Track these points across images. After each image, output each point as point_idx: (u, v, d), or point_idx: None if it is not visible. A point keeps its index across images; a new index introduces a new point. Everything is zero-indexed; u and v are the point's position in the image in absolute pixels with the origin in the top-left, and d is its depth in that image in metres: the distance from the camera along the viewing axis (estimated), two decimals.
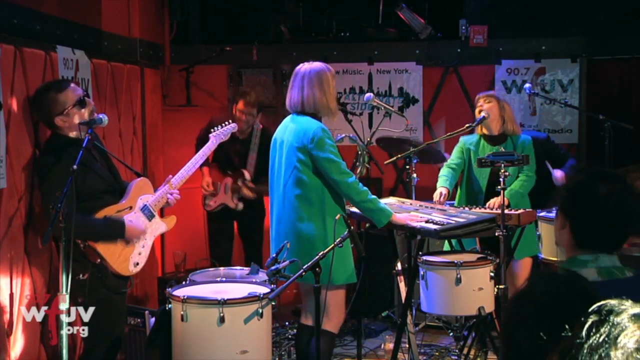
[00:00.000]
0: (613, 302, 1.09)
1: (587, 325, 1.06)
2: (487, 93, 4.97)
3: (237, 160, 5.64)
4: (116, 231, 3.61)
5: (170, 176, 3.97)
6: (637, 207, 2.05)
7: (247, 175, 5.56)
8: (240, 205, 5.61)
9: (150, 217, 3.82)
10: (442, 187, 4.70)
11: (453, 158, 4.93)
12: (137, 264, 3.75)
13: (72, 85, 3.69)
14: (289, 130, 3.92)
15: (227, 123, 4.38)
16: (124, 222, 3.63)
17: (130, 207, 3.73)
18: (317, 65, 3.95)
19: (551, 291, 1.50)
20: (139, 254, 3.76)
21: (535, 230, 4.94)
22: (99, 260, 3.57)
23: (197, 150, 4.36)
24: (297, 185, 3.84)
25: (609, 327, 1.03)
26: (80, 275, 3.50)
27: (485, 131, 4.85)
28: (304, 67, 3.95)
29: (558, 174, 5.07)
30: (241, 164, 5.63)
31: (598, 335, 1.04)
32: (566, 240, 2.09)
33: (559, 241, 2.16)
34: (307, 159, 3.81)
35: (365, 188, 3.84)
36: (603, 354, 1.02)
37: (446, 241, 4.80)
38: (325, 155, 3.77)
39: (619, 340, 1.01)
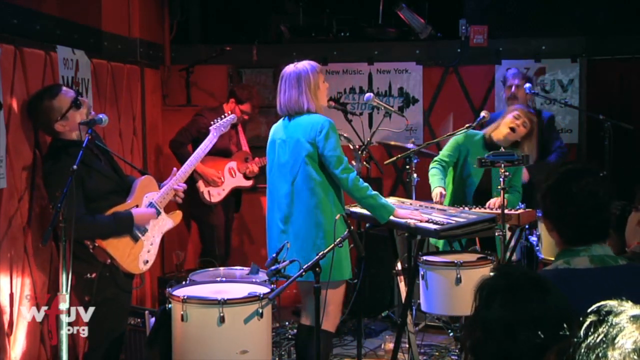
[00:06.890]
0: (612, 302, 1.08)
1: (585, 325, 1.06)
2: (530, 111, 4.79)
3: (234, 147, 5.82)
4: (126, 224, 3.62)
5: (175, 169, 3.96)
6: (610, 196, 2.11)
7: (249, 152, 5.83)
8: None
9: (156, 213, 3.82)
10: (439, 186, 4.61)
11: (444, 154, 4.75)
12: (147, 261, 3.77)
13: (64, 88, 3.69)
14: (291, 127, 3.90)
15: (225, 115, 4.36)
16: (131, 213, 3.66)
17: (137, 206, 3.74)
18: (300, 65, 3.91)
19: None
20: (148, 251, 3.77)
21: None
22: (109, 261, 3.58)
23: (194, 147, 4.37)
24: (308, 179, 3.84)
25: (607, 327, 1.03)
26: (89, 275, 3.52)
27: (497, 138, 4.64)
28: (288, 68, 3.93)
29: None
30: (238, 147, 5.85)
31: (596, 335, 1.03)
32: (557, 240, 2.17)
33: (554, 240, 2.21)
34: (314, 152, 3.82)
35: (365, 184, 3.85)
36: (600, 354, 1.01)
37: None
38: (330, 149, 3.78)
39: (616, 340, 1.01)
